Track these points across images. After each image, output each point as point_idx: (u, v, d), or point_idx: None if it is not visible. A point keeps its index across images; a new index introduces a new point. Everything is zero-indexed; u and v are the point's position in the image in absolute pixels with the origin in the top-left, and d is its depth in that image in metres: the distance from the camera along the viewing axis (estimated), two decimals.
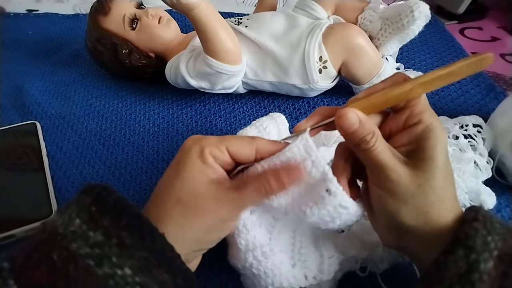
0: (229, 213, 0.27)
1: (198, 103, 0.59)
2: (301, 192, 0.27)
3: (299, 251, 0.31)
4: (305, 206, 0.27)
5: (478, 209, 0.26)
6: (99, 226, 0.23)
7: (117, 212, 0.23)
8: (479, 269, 0.23)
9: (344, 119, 0.26)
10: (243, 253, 0.29)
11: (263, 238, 0.29)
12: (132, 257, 0.22)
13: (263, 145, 0.28)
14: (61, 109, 0.59)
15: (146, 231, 0.23)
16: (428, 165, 0.25)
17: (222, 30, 0.48)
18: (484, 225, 0.24)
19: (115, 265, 0.21)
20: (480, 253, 0.23)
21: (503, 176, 0.43)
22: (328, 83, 0.54)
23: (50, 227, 0.23)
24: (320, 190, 0.27)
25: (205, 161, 0.27)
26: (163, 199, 0.26)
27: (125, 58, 0.58)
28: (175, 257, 0.24)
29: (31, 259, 0.22)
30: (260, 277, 0.29)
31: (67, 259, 0.21)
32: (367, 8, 0.55)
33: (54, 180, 0.48)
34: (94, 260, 0.21)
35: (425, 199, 0.26)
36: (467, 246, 0.23)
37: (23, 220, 0.41)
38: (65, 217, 0.23)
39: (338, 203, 0.27)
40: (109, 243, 0.22)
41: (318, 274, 0.31)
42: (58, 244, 0.22)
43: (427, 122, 0.26)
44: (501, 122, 0.45)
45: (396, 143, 0.28)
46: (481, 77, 0.60)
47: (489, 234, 0.24)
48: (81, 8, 0.88)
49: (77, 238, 0.22)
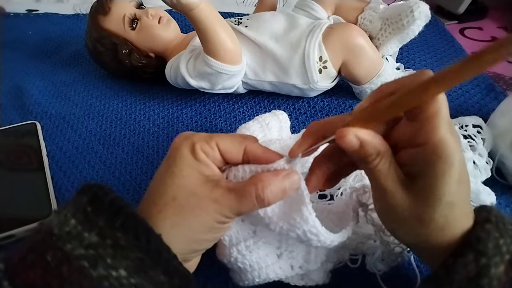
0: (224, 215, 0.25)
1: (198, 103, 0.59)
2: (275, 210, 0.27)
3: (286, 241, 0.30)
4: (275, 225, 0.27)
5: (490, 209, 0.25)
6: (94, 226, 0.22)
7: (112, 212, 0.23)
8: (489, 274, 0.22)
9: (343, 141, 0.23)
10: (228, 249, 0.29)
11: (246, 232, 0.30)
12: (127, 258, 0.22)
13: (252, 148, 0.27)
14: (61, 109, 0.59)
15: (141, 232, 0.23)
16: (430, 198, 0.23)
17: (222, 30, 0.48)
18: (496, 227, 0.23)
19: (109, 267, 0.21)
20: (491, 257, 0.22)
21: (503, 176, 0.43)
22: (328, 83, 0.54)
23: (46, 227, 0.23)
24: (293, 213, 0.26)
25: (197, 157, 0.25)
26: (157, 198, 0.25)
27: (125, 58, 0.58)
28: (172, 258, 0.23)
29: (25, 260, 0.21)
30: (246, 271, 0.29)
31: (61, 260, 0.21)
32: (367, 8, 0.55)
33: (54, 180, 0.48)
34: (88, 261, 0.21)
35: (424, 229, 0.24)
36: (477, 251, 0.23)
37: (23, 220, 0.41)
38: (61, 217, 0.23)
39: (308, 229, 0.26)
40: (104, 244, 0.22)
41: (305, 264, 0.31)
42: (53, 244, 0.21)
43: (435, 145, 0.22)
44: (501, 122, 0.45)
45: (401, 159, 0.25)
46: (481, 77, 0.60)
47: (502, 237, 0.23)
48: (81, 8, 0.88)
49: (71, 239, 0.22)
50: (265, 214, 0.27)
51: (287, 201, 0.27)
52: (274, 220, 0.27)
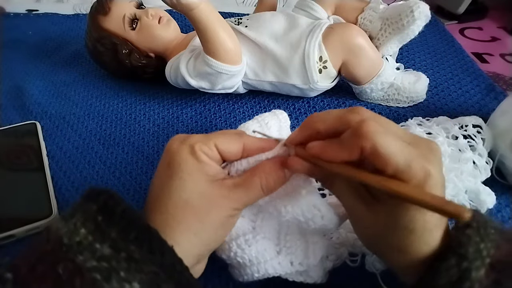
0: (235, 208, 0.27)
1: (198, 103, 0.59)
2: (280, 192, 0.28)
3: (285, 237, 0.31)
4: (281, 205, 0.28)
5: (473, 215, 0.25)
6: (106, 238, 0.22)
7: (125, 223, 0.23)
8: (471, 278, 0.22)
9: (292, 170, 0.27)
10: (227, 243, 0.29)
11: (246, 226, 0.30)
12: (141, 272, 0.21)
13: (251, 142, 0.28)
14: (61, 109, 0.59)
15: (155, 245, 0.23)
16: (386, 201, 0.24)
17: (222, 30, 0.48)
18: (477, 231, 0.24)
19: (123, 280, 0.21)
20: (472, 261, 0.23)
21: (503, 176, 0.43)
22: (328, 83, 0.54)
23: (55, 235, 0.22)
24: (297, 189, 0.28)
25: (199, 159, 0.26)
26: (165, 205, 0.25)
27: (125, 58, 0.58)
28: (184, 270, 0.23)
29: (35, 271, 0.21)
30: (245, 266, 0.29)
31: (73, 272, 0.20)
32: (367, 8, 0.55)
33: (54, 180, 0.48)
34: (101, 274, 0.20)
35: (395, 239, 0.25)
36: (459, 254, 0.23)
37: (23, 220, 0.41)
38: (70, 225, 0.22)
39: (312, 203, 0.28)
40: (118, 257, 0.21)
41: (304, 259, 0.31)
42: (64, 255, 0.21)
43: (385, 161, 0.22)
44: (501, 122, 0.45)
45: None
46: (481, 77, 0.60)
47: (482, 241, 0.23)
48: (81, 8, 0.88)
49: (83, 250, 0.21)
50: (270, 196, 0.28)
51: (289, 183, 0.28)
52: (278, 200, 0.28)
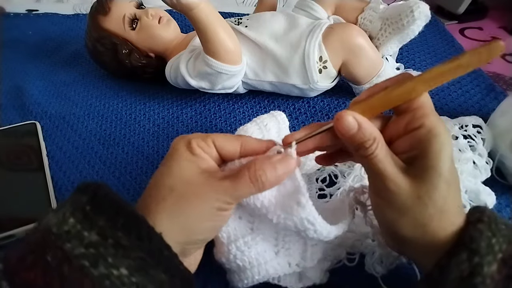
0: (222, 201, 0.26)
1: (198, 103, 0.59)
2: (272, 200, 0.27)
3: (283, 238, 0.31)
4: (273, 214, 0.27)
5: (483, 210, 0.25)
6: (94, 225, 0.22)
7: (113, 212, 0.23)
8: (482, 273, 0.22)
9: (342, 122, 0.25)
10: (226, 246, 0.29)
11: (244, 229, 0.30)
12: (129, 257, 0.22)
13: (249, 142, 0.28)
14: (61, 109, 0.59)
15: (143, 231, 0.23)
16: (430, 174, 0.24)
17: (222, 30, 0.48)
18: (489, 226, 0.24)
19: (111, 265, 0.21)
20: (483, 256, 0.23)
21: (503, 176, 0.43)
22: (328, 83, 0.54)
23: (44, 226, 0.23)
24: (291, 201, 0.27)
25: (193, 151, 0.26)
26: (154, 191, 0.26)
27: (125, 58, 0.58)
28: (173, 257, 0.24)
29: (24, 260, 0.21)
30: (245, 268, 0.29)
31: (61, 259, 0.21)
32: (367, 8, 0.55)
33: (54, 180, 0.48)
34: (89, 260, 0.21)
35: (424, 211, 0.25)
36: (470, 249, 0.23)
37: (23, 220, 0.41)
38: (59, 216, 0.23)
39: (305, 217, 0.27)
40: (105, 244, 0.22)
41: (301, 261, 0.31)
42: (52, 244, 0.21)
43: (430, 126, 0.25)
44: (501, 122, 0.45)
45: (397, 149, 0.26)
46: (481, 77, 0.60)
47: (494, 236, 0.23)
48: (81, 8, 0.88)
49: (71, 238, 0.22)
50: (262, 205, 0.27)
51: (284, 192, 0.28)
52: (271, 210, 0.27)
